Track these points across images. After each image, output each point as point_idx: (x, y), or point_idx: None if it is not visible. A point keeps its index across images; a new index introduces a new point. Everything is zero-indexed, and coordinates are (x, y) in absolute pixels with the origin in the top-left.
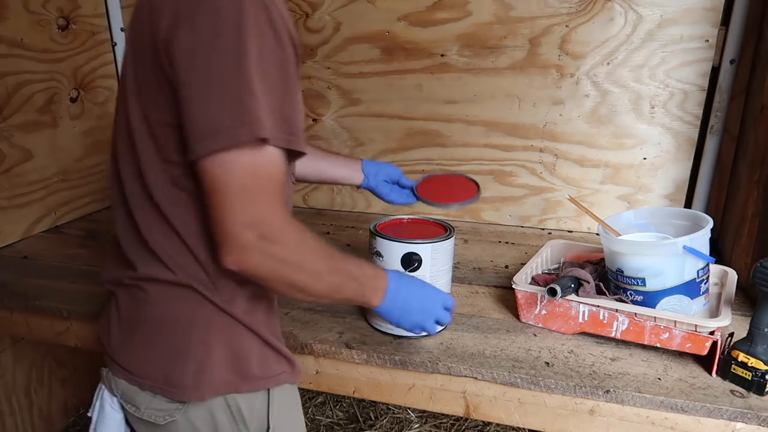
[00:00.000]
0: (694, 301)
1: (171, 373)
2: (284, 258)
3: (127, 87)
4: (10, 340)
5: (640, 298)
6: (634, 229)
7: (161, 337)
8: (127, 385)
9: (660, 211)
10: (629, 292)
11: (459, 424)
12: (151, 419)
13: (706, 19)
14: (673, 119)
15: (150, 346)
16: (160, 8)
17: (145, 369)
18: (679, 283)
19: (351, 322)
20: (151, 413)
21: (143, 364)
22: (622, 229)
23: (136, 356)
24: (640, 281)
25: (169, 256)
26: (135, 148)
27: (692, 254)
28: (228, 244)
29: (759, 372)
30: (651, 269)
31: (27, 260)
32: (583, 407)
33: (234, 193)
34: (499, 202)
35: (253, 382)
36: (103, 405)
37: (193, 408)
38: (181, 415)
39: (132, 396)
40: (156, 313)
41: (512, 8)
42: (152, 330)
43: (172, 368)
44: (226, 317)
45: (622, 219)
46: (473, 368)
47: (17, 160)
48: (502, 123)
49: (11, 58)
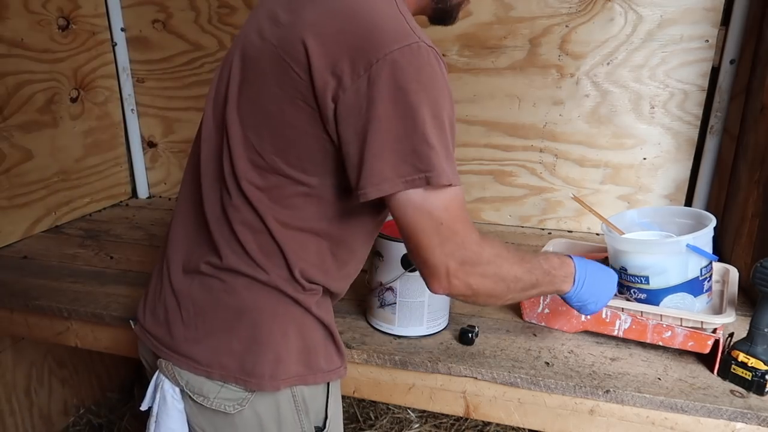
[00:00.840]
0: (698, 299)
1: (248, 363)
2: (484, 274)
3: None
4: (10, 340)
5: (643, 296)
6: (637, 228)
7: (240, 326)
8: (193, 376)
9: (663, 210)
10: (633, 290)
11: (459, 424)
12: (221, 408)
13: (706, 19)
14: (673, 119)
15: (226, 335)
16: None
17: (219, 359)
18: (683, 281)
19: (351, 322)
20: (220, 402)
21: (216, 353)
22: (626, 227)
23: (208, 345)
24: (644, 279)
25: (258, 253)
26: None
27: (696, 252)
28: (436, 275)
29: (759, 372)
30: (654, 267)
31: (27, 260)
32: (583, 407)
33: (434, 230)
34: (499, 202)
35: (320, 375)
36: (164, 396)
37: (260, 398)
38: (249, 405)
39: (199, 386)
40: (234, 303)
41: (512, 8)
42: (230, 319)
43: (249, 358)
44: (301, 309)
45: (625, 217)
46: (473, 368)
47: (17, 160)
48: (502, 123)
49: (11, 58)
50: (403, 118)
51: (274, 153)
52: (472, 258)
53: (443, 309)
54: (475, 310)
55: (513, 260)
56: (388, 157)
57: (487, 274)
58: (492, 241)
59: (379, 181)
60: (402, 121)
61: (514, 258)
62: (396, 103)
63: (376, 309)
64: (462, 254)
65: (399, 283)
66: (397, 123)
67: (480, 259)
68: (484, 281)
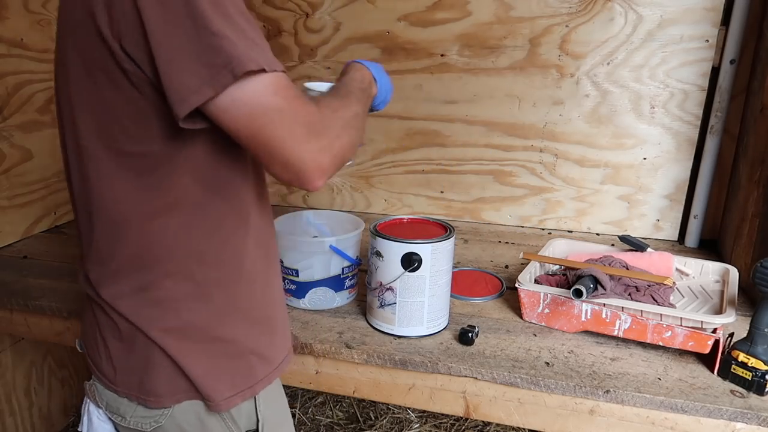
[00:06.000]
0: (338, 294)
1: (146, 381)
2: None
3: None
4: (10, 340)
5: (294, 287)
6: (311, 228)
7: (133, 343)
8: (110, 395)
9: (335, 215)
10: (286, 281)
11: (459, 424)
12: (138, 427)
13: (706, 19)
14: (673, 119)
15: (125, 352)
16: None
17: (122, 377)
18: (326, 277)
19: (351, 322)
20: (137, 421)
21: (120, 372)
22: (301, 226)
23: (113, 363)
24: (295, 272)
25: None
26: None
27: (337, 254)
28: (304, 167)
29: (759, 372)
30: (303, 263)
31: (27, 260)
32: (583, 407)
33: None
34: (499, 202)
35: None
36: (90, 418)
37: (178, 410)
38: (168, 420)
39: (117, 406)
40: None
41: (512, 8)
42: (125, 336)
43: (146, 376)
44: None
45: (302, 217)
46: (473, 368)
47: (17, 160)
48: (502, 123)
49: (11, 58)
50: (180, 18)
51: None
52: (323, 128)
53: (443, 309)
54: (475, 310)
55: (342, 102)
56: (183, 66)
57: (339, 133)
58: (321, 100)
59: (186, 95)
60: (180, 22)
61: (341, 100)
62: (164, 6)
63: (376, 309)
64: (315, 129)
65: (399, 283)
66: (175, 27)
67: (330, 122)
68: (341, 141)
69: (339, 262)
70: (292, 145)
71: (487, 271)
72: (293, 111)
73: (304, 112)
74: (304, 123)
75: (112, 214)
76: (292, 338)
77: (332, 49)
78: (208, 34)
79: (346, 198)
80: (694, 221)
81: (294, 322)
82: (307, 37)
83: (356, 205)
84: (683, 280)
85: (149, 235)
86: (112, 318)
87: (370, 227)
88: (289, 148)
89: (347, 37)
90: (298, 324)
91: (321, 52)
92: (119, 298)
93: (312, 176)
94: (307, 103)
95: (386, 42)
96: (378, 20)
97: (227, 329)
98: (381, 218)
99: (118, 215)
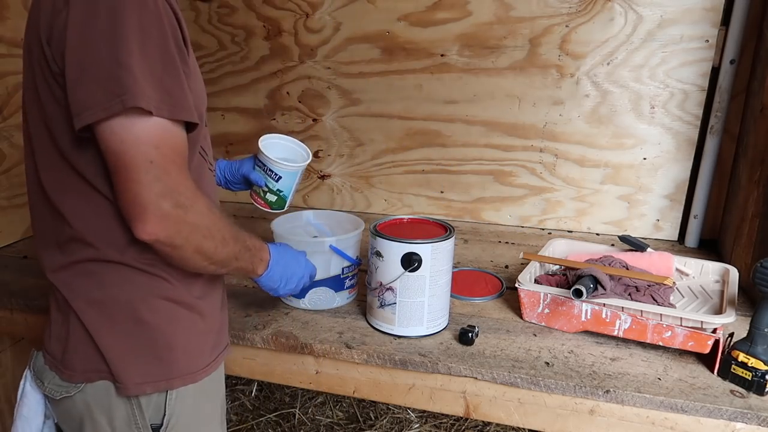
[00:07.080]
0: (338, 294)
1: (65, 352)
2: (197, 224)
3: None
4: (10, 340)
5: None
6: (311, 228)
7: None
8: (40, 362)
9: (335, 215)
10: None
11: (459, 424)
12: (50, 394)
13: (706, 19)
14: (673, 119)
15: (57, 324)
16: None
17: (51, 346)
18: (326, 277)
19: (351, 322)
20: (51, 389)
21: (51, 340)
22: (301, 226)
23: (50, 331)
24: None
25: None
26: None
27: (337, 254)
28: (145, 214)
29: (759, 372)
30: None
31: (27, 260)
32: (583, 407)
33: (142, 165)
34: (499, 202)
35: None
36: (24, 384)
37: (90, 387)
38: (79, 393)
39: (42, 372)
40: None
41: (512, 8)
42: (61, 307)
43: (67, 348)
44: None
45: (302, 217)
46: (473, 368)
47: (17, 160)
48: (502, 123)
49: (11, 58)
50: (99, 42)
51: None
52: (186, 203)
53: (443, 309)
54: (475, 310)
55: (224, 222)
56: (86, 86)
57: (199, 225)
58: (206, 197)
59: (80, 110)
60: (97, 46)
61: (226, 221)
62: (88, 27)
63: (376, 309)
64: (176, 197)
65: (399, 283)
66: (90, 49)
67: (195, 205)
68: (195, 233)
69: (339, 262)
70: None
71: (487, 271)
72: (163, 169)
73: (175, 176)
74: (167, 184)
75: (53, 197)
76: (292, 338)
77: (332, 49)
78: (116, 65)
79: (346, 198)
80: (694, 221)
81: (294, 322)
82: (307, 37)
83: (356, 205)
84: (683, 280)
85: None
86: (54, 293)
87: (370, 227)
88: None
89: (347, 37)
90: (298, 324)
91: (321, 52)
92: (57, 271)
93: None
94: (182, 172)
95: (386, 42)
96: (378, 20)
97: (151, 314)
98: (381, 218)
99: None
